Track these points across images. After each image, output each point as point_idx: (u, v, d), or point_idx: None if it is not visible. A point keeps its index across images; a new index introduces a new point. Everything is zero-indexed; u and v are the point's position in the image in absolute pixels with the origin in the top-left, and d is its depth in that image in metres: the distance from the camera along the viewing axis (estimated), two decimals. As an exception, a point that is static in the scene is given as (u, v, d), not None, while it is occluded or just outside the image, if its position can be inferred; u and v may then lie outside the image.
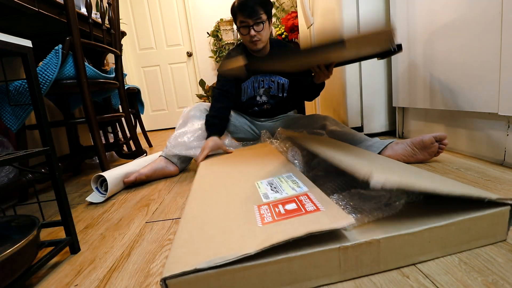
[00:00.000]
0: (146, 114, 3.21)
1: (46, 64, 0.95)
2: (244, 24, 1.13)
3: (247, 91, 1.29)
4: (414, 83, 1.18)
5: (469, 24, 0.87)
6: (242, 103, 1.31)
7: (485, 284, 0.37)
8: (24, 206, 0.94)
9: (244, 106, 1.32)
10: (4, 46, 0.47)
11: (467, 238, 0.43)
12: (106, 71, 1.48)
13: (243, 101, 1.30)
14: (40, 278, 0.52)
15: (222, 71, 1.20)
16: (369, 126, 1.43)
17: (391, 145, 0.93)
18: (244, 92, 1.29)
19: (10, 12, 0.88)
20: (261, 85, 1.28)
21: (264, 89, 1.28)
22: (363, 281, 0.40)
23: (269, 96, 1.29)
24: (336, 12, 1.38)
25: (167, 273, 0.36)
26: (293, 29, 2.65)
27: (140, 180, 1.03)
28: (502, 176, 0.74)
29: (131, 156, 1.53)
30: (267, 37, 1.21)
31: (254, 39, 1.15)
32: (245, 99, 1.30)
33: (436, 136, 0.84)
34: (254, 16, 1.11)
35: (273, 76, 1.26)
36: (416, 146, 0.88)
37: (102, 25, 1.23)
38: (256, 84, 1.28)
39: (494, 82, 0.81)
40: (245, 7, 1.11)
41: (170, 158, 1.12)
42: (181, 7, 3.06)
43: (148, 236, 0.63)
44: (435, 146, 0.86)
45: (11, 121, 0.94)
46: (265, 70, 1.25)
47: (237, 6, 1.13)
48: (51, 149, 0.55)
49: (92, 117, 1.10)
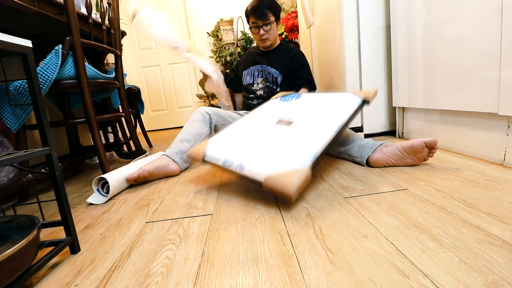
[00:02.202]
0: (146, 114, 3.20)
1: (46, 64, 0.95)
2: (255, 24, 1.36)
3: (247, 78, 1.51)
4: (414, 83, 1.18)
5: (469, 23, 0.87)
6: (243, 86, 1.54)
7: (485, 284, 0.37)
8: (24, 206, 0.94)
9: (244, 91, 1.53)
10: (4, 46, 0.47)
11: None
12: (106, 71, 1.48)
13: (244, 84, 1.52)
14: (40, 278, 0.52)
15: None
16: (369, 126, 1.43)
17: (381, 148, 0.93)
18: (244, 78, 1.52)
19: (10, 12, 0.88)
20: (260, 75, 1.48)
21: (262, 78, 1.47)
22: (364, 281, 0.40)
23: (265, 85, 1.46)
24: (336, 12, 1.38)
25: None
26: (293, 29, 2.65)
27: (143, 177, 1.03)
28: (502, 176, 0.74)
29: (131, 156, 1.53)
30: (275, 35, 1.42)
31: (263, 37, 1.38)
32: (245, 83, 1.52)
33: (426, 142, 0.83)
34: (263, 18, 1.33)
35: (268, 68, 1.45)
36: (405, 150, 0.88)
37: (102, 25, 1.23)
38: (256, 73, 1.49)
39: (494, 82, 0.81)
40: (257, 11, 1.33)
41: (173, 157, 1.13)
42: (181, 7, 3.06)
43: (148, 236, 0.63)
44: (425, 151, 0.85)
45: (11, 121, 0.94)
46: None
47: (250, 9, 1.36)
48: (51, 149, 0.55)
49: (92, 117, 1.10)
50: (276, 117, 0.97)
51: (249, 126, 0.97)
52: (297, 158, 0.70)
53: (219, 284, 0.44)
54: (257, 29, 1.36)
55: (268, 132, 0.88)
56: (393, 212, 0.61)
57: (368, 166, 0.95)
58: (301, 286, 0.41)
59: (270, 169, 0.69)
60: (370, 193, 0.72)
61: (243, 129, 0.95)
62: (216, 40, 3.01)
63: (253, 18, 1.34)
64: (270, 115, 1.01)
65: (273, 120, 0.95)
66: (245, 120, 1.03)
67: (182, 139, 1.18)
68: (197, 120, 1.26)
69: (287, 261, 0.48)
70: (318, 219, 0.61)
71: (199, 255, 0.53)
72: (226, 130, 0.98)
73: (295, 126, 0.87)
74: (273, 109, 1.05)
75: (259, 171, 0.70)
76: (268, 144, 0.81)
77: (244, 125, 0.99)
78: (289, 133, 0.84)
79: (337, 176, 0.89)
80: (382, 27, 1.35)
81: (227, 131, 0.97)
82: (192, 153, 0.91)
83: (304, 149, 0.73)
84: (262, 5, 1.32)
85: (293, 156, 0.72)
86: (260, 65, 1.47)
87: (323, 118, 0.88)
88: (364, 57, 1.37)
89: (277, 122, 0.92)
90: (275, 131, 0.87)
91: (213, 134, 1.36)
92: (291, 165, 0.68)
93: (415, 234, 0.51)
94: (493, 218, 0.53)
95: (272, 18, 1.35)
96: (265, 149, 0.79)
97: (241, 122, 1.02)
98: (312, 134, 0.80)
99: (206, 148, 0.89)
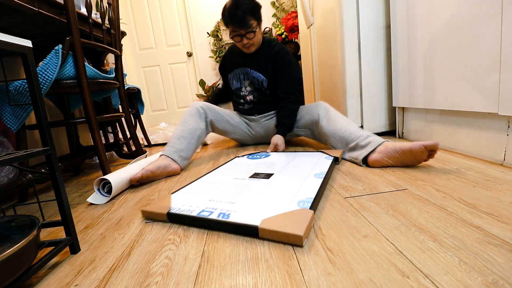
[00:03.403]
0: (146, 114, 3.21)
1: (46, 64, 0.95)
2: (236, 33, 1.21)
3: (233, 82, 1.42)
4: (414, 83, 1.18)
5: (469, 23, 0.87)
6: (232, 91, 1.46)
7: (485, 284, 0.37)
8: (24, 206, 0.94)
9: (234, 96, 1.46)
10: (4, 46, 0.47)
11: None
12: (106, 71, 1.48)
13: (233, 89, 1.45)
14: (40, 278, 0.52)
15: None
16: (369, 126, 1.43)
17: (379, 148, 0.92)
18: (231, 82, 1.44)
19: (10, 12, 0.88)
20: (246, 77, 1.40)
21: (249, 81, 1.40)
22: (364, 281, 0.40)
23: (253, 88, 1.39)
24: (336, 12, 1.38)
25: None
26: (293, 29, 2.65)
27: (146, 177, 1.03)
28: (502, 176, 0.74)
29: (131, 156, 1.53)
30: (259, 39, 1.30)
31: (247, 46, 1.27)
32: (233, 88, 1.45)
33: (427, 145, 0.81)
34: (245, 27, 1.18)
35: (253, 71, 1.36)
36: (404, 153, 0.86)
37: (102, 25, 1.23)
38: (242, 76, 1.40)
39: (494, 82, 0.81)
40: (235, 19, 1.15)
41: (172, 156, 1.13)
42: (181, 7, 3.06)
43: (148, 236, 0.63)
44: (424, 154, 0.83)
45: (11, 121, 0.94)
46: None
47: (227, 16, 1.17)
48: (51, 149, 0.55)
49: (92, 117, 1.10)
50: (249, 172, 0.92)
51: (221, 179, 0.87)
52: (293, 202, 0.63)
53: (219, 284, 0.44)
54: (239, 37, 1.22)
55: (247, 184, 0.79)
56: (393, 212, 0.61)
57: (366, 166, 0.95)
58: (301, 286, 0.41)
59: (265, 213, 0.59)
60: (370, 193, 0.72)
61: (215, 182, 0.85)
62: (216, 40, 3.01)
63: (233, 26, 1.19)
64: (242, 170, 0.94)
65: (247, 175, 0.88)
66: (214, 175, 0.93)
67: (179, 136, 1.17)
68: (191, 115, 1.23)
69: (287, 261, 0.48)
70: (318, 219, 0.61)
71: (199, 255, 0.53)
72: (193, 184, 0.85)
73: (276, 178, 0.82)
74: (243, 166, 1.01)
75: (251, 216, 0.59)
76: (253, 193, 0.71)
77: (214, 178, 0.89)
78: (272, 184, 0.76)
79: (337, 176, 0.89)
80: (382, 27, 1.35)
81: (194, 185, 0.84)
82: (152, 210, 0.70)
83: (298, 195, 0.67)
84: (240, 10, 1.14)
85: (287, 202, 0.63)
86: (244, 67, 1.37)
87: (305, 170, 0.86)
88: (364, 57, 1.37)
89: (252, 176, 0.86)
90: (255, 184, 0.79)
91: (209, 130, 1.35)
92: (289, 208, 0.60)
93: (415, 234, 0.51)
94: (493, 218, 0.53)
95: (254, 24, 1.19)
96: (252, 197, 0.69)
97: (210, 177, 0.91)
98: (300, 183, 0.75)
99: (171, 201, 0.73)
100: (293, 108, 1.27)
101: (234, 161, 1.10)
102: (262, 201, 0.66)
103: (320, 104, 1.22)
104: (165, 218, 0.68)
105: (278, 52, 1.31)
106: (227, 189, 0.77)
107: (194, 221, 0.64)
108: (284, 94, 1.30)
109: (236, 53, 1.40)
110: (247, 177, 0.86)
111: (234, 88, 1.43)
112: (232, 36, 1.24)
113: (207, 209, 0.65)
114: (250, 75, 1.36)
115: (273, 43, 1.35)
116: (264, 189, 0.74)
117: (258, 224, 0.54)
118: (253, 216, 0.59)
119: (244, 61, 1.37)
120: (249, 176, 0.87)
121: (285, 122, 1.25)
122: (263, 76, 1.33)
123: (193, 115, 1.23)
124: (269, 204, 0.63)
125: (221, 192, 0.75)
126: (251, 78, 1.36)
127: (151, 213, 0.71)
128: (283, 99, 1.29)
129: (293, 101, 1.29)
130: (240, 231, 0.58)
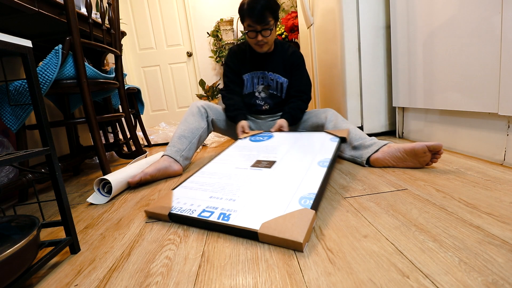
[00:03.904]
0: (146, 114, 3.20)
1: (46, 64, 0.95)
2: (252, 28, 1.15)
3: (247, 84, 1.32)
4: (414, 83, 1.18)
5: (469, 23, 0.87)
6: (244, 95, 1.33)
7: (485, 284, 0.37)
8: (24, 206, 0.94)
9: (245, 100, 1.34)
10: (4, 46, 0.47)
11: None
12: (106, 71, 1.48)
13: (245, 93, 1.33)
14: (40, 278, 0.52)
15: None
16: (369, 126, 1.43)
17: (383, 149, 0.92)
18: (245, 86, 1.32)
19: (10, 12, 0.88)
20: (260, 82, 1.29)
21: (263, 86, 1.29)
22: (364, 281, 0.40)
23: (268, 94, 1.31)
24: (336, 12, 1.38)
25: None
26: (293, 29, 2.65)
27: (145, 180, 1.03)
28: (502, 176, 0.74)
29: (131, 156, 1.53)
30: (273, 40, 1.23)
31: (261, 43, 1.18)
32: (246, 92, 1.33)
33: (429, 146, 0.79)
34: (263, 22, 1.13)
35: (271, 74, 1.28)
36: (407, 153, 0.86)
37: (102, 25, 1.23)
38: (256, 80, 1.29)
39: (494, 82, 0.81)
40: (254, 12, 1.11)
41: (174, 156, 1.12)
42: (181, 7, 3.06)
43: (148, 236, 0.63)
44: (427, 156, 0.82)
45: (11, 121, 0.94)
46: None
47: (246, 9, 1.13)
48: (51, 149, 0.55)
49: (92, 117, 1.10)
50: (251, 159, 0.89)
51: (222, 169, 0.86)
52: (294, 200, 0.61)
53: (219, 284, 0.44)
54: (254, 33, 1.16)
55: (248, 177, 0.77)
56: (393, 212, 0.61)
57: (368, 165, 0.95)
58: (301, 286, 0.41)
59: (265, 215, 0.58)
60: (370, 193, 0.72)
61: (216, 173, 0.84)
62: (216, 40, 3.01)
63: (250, 21, 1.13)
64: (244, 157, 0.92)
65: (249, 163, 0.86)
66: (215, 164, 0.91)
67: (180, 135, 1.16)
68: (193, 114, 1.22)
69: (287, 261, 0.48)
70: (318, 219, 0.61)
71: (199, 255, 0.53)
72: (194, 177, 0.84)
73: (278, 167, 0.80)
74: (245, 151, 0.98)
75: (251, 219, 0.58)
76: (253, 189, 0.70)
77: (215, 168, 0.88)
78: (274, 176, 0.75)
79: (337, 176, 0.89)
80: (382, 27, 1.35)
81: (195, 178, 0.83)
82: (154, 211, 0.71)
83: (300, 190, 0.65)
84: (260, 5, 1.10)
85: (288, 199, 0.62)
86: (260, 71, 1.28)
87: (308, 157, 0.83)
88: (364, 57, 1.37)
89: (254, 165, 0.84)
90: (256, 175, 0.77)
91: (210, 129, 1.34)
92: (289, 208, 0.59)
93: (415, 234, 0.51)
94: (493, 218, 0.53)
95: (272, 22, 1.14)
96: (252, 195, 0.67)
97: (211, 167, 0.90)
98: (303, 173, 0.73)
99: (172, 199, 0.73)
100: (302, 105, 1.26)
101: (237, 144, 1.06)
102: (262, 198, 0.65)
103: (329, 109, 1.20)
104: (167, 219, 0.69)
105: (295, 53, 1.28)
106: (228, 182, 0.76)
107: (195, 222, 0.64)
108: (296, 92, 1.27)
109: (251, 54, 1.29)
110: (249, 166, 0.84)
111: (247, 93, 1.33)
112: (247, 31, 1.18)
113: (208, 209, 0.65)
114: (267, 78, 1.28)
115: (285, 45, 1.32)
116: (265, 182, 0.72)
117: (258, 229, 0.54)
118: (253, 218, 0.58)
119: (260, 63, 1.29)
120: (250, 165, 0.85)
121: (292, 112, 1.23)
122: (283, 78, 1.28)
123: (194, 114, 1.22)
124: (269, 203, 0.62)
125: (222, 186, 0.75)
126: (268, 82, 1.29)
127: (153, 213, 0.71)
128: (294, 97, 1.27)
129: (304, 99, 1.26)
130: (240, 235, 0.58)
